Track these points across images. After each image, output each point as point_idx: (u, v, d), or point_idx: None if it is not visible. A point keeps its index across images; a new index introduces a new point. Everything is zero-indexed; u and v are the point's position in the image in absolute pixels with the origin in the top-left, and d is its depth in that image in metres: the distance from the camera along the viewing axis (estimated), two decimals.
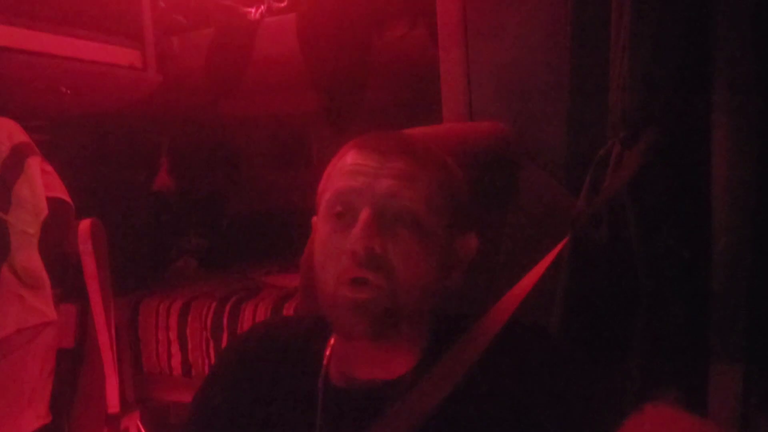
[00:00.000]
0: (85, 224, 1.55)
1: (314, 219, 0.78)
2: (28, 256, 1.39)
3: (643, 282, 0.78)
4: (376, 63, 2.04)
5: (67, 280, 1.52)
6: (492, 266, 0.94)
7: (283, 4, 2.15)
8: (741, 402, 0.70)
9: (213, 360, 2.25)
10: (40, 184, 1.44)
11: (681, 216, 0.78)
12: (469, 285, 0.89)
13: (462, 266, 0.76)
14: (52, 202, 1.47)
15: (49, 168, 1.53)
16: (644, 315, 0.78)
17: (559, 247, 0.80)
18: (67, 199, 1.54)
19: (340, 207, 0.71)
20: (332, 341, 0.78)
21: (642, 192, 0.78)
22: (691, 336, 0.76)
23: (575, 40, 1.00)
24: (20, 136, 1.47)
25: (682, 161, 0.78)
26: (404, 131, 0.80)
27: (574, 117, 1.01)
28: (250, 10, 2.20)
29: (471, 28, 1.18)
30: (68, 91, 1.97)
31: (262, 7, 2.18)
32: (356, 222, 0.68)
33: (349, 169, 0.71)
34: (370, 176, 0.69)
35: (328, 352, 0.78)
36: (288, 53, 2.05)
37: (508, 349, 0.72)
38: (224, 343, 2.22)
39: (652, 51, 0.74)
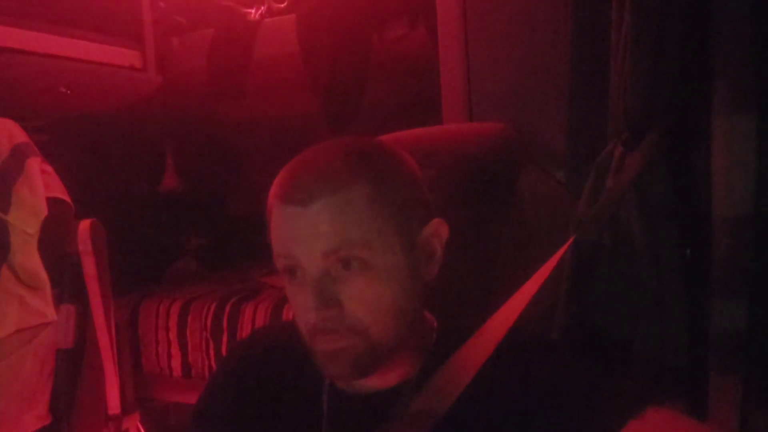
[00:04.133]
0: (84, 224, 1.55)
1: None
2: (28, 256, 1.39)
3: (646, 284, 0.78)
4: (376, 63, 2.03)
5: (66, 280, 1.52)
6: (492, 266, 0.93)
7: (283, 5, 2.15)
8: (741, 404, 0.70)
9: (213, 361, 2.25)
10: (40, 184, 1.44)
11: (683, 217, 0.78)
12: (470, 286, 0.89)
13: (436, 255, 0.73)
14: (51, 202, 1.47)
15: (48, 168, 1.52)
16: (646, 317, 0.78)
17: (562, 250, 0.80)
18: (67, 199, 1.53)
19: (283, 268, 0.70)
20: None
21: (645, 193, 0.78)
22: (692, 338, 0.76)
23: (575, 41, 1.00)
24: (20, 136, 1.47)
25: (684, 162, 0.78)
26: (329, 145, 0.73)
27: (574, 117, 1.01)
28: (250, 10, 2.20)
29: (471, 28, 1.18)
30: (68, 91, 1.97)
31: (262, 7, 2.18)
32: (305, 284, 0.68)
33: (278, 231, 0.69)
34: (300, 238, 0.67)
35: None
36: (288, 54, 2.05)
37: (511, 356, 0.71)
38: (224, 344, 2.22)
39: (653, 52, 0.74)
